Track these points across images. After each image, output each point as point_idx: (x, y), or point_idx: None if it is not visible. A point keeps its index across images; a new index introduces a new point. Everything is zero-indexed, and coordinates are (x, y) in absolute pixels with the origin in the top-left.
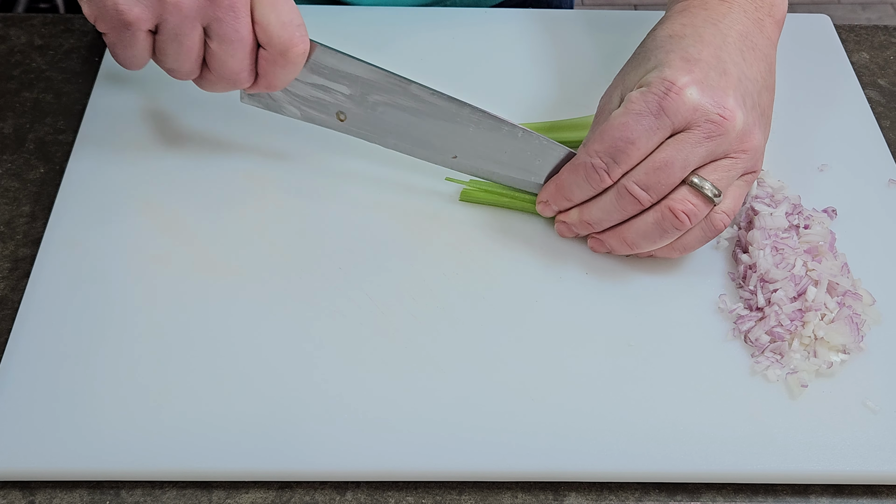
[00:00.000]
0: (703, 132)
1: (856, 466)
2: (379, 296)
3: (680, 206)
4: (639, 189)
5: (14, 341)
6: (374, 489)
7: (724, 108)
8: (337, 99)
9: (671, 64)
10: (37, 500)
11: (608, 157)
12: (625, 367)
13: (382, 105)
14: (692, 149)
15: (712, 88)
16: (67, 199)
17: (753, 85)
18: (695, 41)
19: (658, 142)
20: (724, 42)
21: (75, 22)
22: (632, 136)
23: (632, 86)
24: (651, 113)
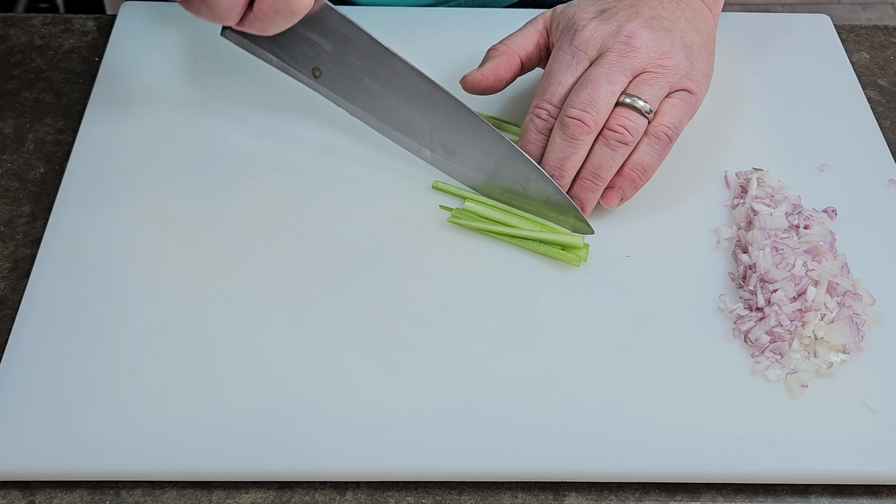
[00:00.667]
0: (616, 53)
1: (856, 466)
2: (379, 296)
3: (615, 122)
4: (576, 111)
5: (14, 341)
6: (374, 489)
7: (628, 30)
8: (317, 54)
9: (583, 12)
10: (37, 500)
11: (543, 101)
12: (625, 367)
13: (360, 70)
14: (610, 67)
15: (617, 19)
16: (67, 199)
17: (671, 23)
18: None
19: (578, 73)
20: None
21: (75, 22)
22: (556, 77)
23: (558, 27)
24: (566, 53)
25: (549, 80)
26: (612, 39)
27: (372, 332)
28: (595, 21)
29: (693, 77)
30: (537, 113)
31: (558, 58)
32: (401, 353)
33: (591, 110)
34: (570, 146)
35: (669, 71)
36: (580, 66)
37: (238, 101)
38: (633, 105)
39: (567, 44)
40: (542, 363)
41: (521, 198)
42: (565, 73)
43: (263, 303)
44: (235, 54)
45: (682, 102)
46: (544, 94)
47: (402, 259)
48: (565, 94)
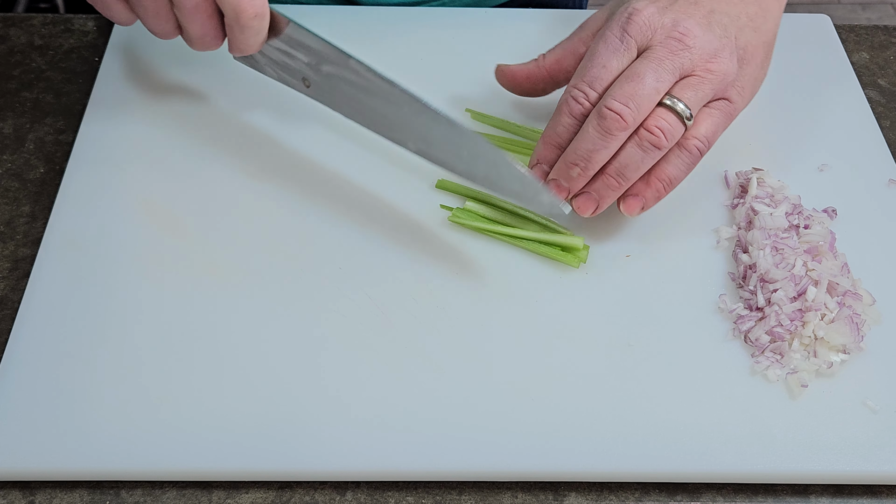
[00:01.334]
0: (666, 48)
1: (856, 466)
2: (379, 296)
3: (654, 123)
4: (617, 104)
5: (14, 341)
6: (374, 489)
7: (682, 27)
8: (299, 66)
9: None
10: (37, 500)
11: (584, 84)
12: (625, 366)
13: (334, 77)
14: (660, 63)
15: (674, 11)
16: (67, 199)
17: (731, 20)
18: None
19: (627, 61)
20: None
21: (75, 22)
22: (602, 60)
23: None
24: (616, 36)
25: (593, 62)
26: (664, 33)
27: (372, 331)
28: (652, 8)
29: (738, 84)
30: (575, 95)
31: (606, 39)
32: (401, 353)
33: (633, 106)
34: (602, 139)
35: (716, 76)
36: (629, 52)
37: (238, 100)
38: (674, 108)
39: (618, 26)
40: (543, 363)
41: (496, 188)
42: (611, 57)
43: (263, 303)
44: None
45: (720, 113)
46: (585, 74)
47: (403, 259)
48: (610, 80)
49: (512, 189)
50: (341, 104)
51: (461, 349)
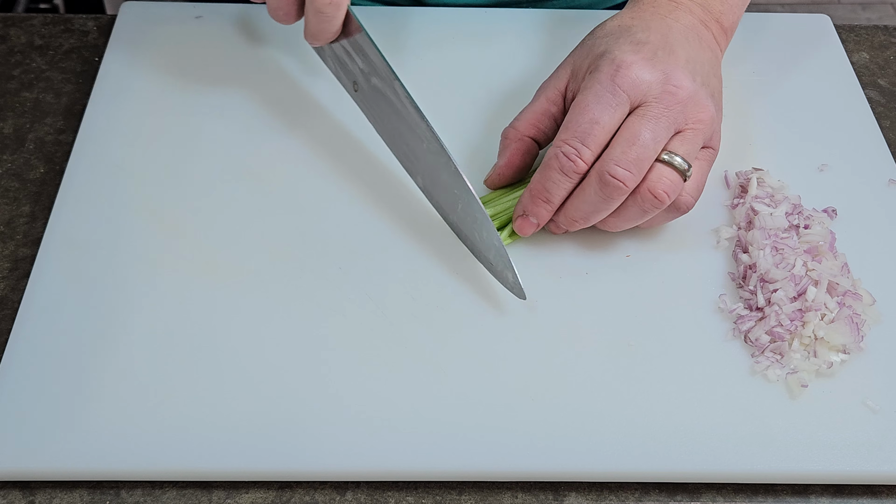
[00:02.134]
0: (661, 104)
1: (856, 466)
2: (379, 295)
3: (660, 186)
4: (621, 170)
5: (14, 341)
6: (374, 489)
7: (674, 79)
8: (355, 70)
9: (620, 47)
10: (37, 500)
11: (576, 141)
12: (625, 367)
13: (378, 91)
14: (656, 121)
15: (661, 63)
16: (67, 199)
17: (701, 66)
18: (642, 29)
19: (620, 117)
20: (669, 30)
21: (75, 22)
22: (595, 116)
23: (583, 72)
24: (607, 91)
25: (584, 116)
26: (659, 87)
27: (372, 331)
28: (639, 60)
29: (718, 130)
30: (566, 152)
31: (597, 93)
32: (401, 353)
33: (636, 171)
34: (604, 203)
35: (705, 126)
36: (621, 108)
37: (238, 101)
38: (672, 163)
39: (608, 79)
40: (543, 363)
41: (473, 243)
42: (603, 112)
43: (263, 303)
44: (235, 55)
45: (707, 164)
46: (577, 130)
47: (402, 258)
48: (602, 136)
49: (486, 256)
50: (376, 118)
51: (461, 349)
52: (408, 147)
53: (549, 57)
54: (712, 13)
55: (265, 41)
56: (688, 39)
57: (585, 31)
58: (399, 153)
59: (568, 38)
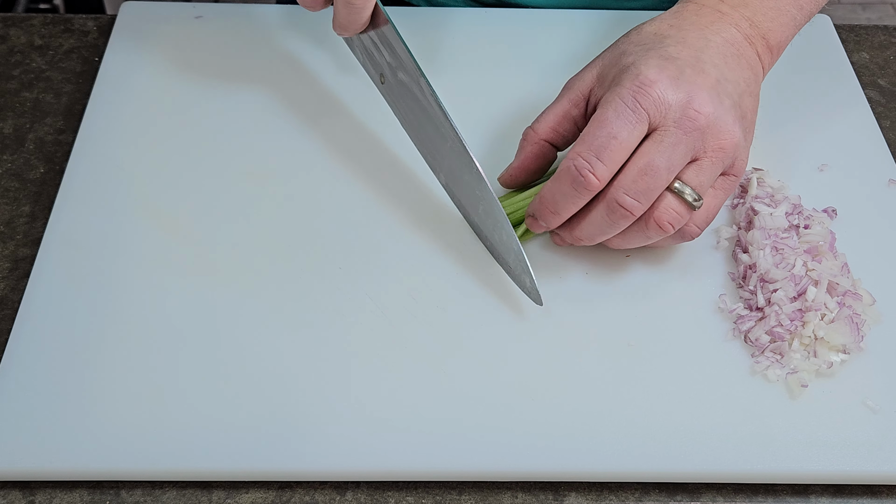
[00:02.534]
0: (679, 129)
1: (856, 466)
2: (379, 296)
3: (665, 217)
4: (630, 199)
5: (14, 341)
6: (374, 489)
7: (697, 103)
8: (382, 63)
9: (647, 62)
10: (37, 500)
11: (591, 155)
12: (625, 367)
13: (405, 86)
14: (673, 148)
15: (686, 83)
16: (67, 199)
17: (734, 87)
18: (676, 41)
19: (638, 136)
20: (706, 46)
21: (75, 22)
22: (613, 131)
23: (608, 80)
24: (628, 107)
25: (603, 130)
26: (679, 111)
27: (372, 332)
28: (664, 78)
29: (742, 156)
30: (580, 166)
31: (617, 108)
32: (401, 353)
33: (644, 201)
34: (611, 227)
35: (727, 154)
36: (640, 126)
37: (238, 100)
38: (682, 194)
39: (630, 95)
40: (542, 363)
41: (493, 245)
42: (622, 127)
43: (263, 303)
44: (235, 55)
45: (724, 193)
46: (593, 143)
47: (402, 259)
48: (619, 153)
49: (505, 258)
50: (402, 112)
51: (461, 349)
52: (432, 144)
53: (582, 58)
54: (759, 29)
55: (265, 41)
56: (724, 57)
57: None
58: (423, 148)
59: (604, 40)
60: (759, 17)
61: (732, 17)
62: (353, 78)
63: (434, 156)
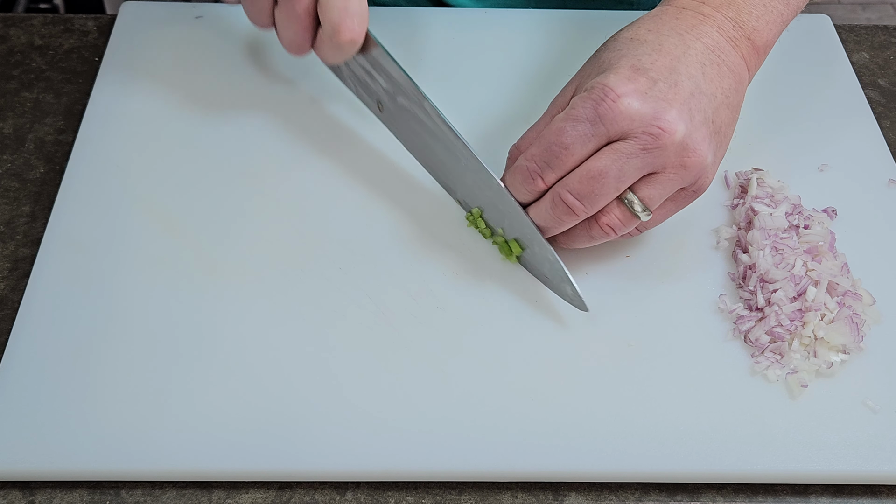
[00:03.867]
0: (639, 143)
1: (856, 466)
2: (379, 296)
3: (608, 222)
4: (573, 198)
5: (14, 341)
6: (374, 489)
7: (663, 121)
8: (377, 89)
9: (618, 70)
10: (37, 500)
11: (543, 161)
12: (625, 367)
13: (406, 111)
14: (627, 160)
15: (655, 99)
16: (67, 199)
17: (709, 101)
18: (653, 49)
19: (592, 149)
20: (684, 53)
21: (75, 22)
22: (566, 142)
23: (583, 87)
24: (587, 119)
25: (558, 141)
26: (641, 126)
27: (372, 332)
28: (631, 91)
29: (708, 174)
30: (531, 170)
31: (576, 118)
32: (401, 354)
33: (588, 204)
34: (554, 222)
35: (689, 172)
36: (597, 139)
37: (238, 101)
38: (631, 208)
39: (591, 107)
40: (542, 363)
41: (527, 263)
42: (577, 141)
43: (262, 303)
44: (235, 55)
45: (676, 205)
46: (547, 151)
47: (403, 259)
48: (570, 165)
49: (540, 270)
50: (406, 136)
51: (461, 349)
52: (443, 166)
53: (575, 60)
54: (744, 30)
55: (265, 41)
56: (703, 66)
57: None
58: (434, 171)
59: (597, 41)
60: (743, 17)
61: (715, 20)
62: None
63: (448, 177)
